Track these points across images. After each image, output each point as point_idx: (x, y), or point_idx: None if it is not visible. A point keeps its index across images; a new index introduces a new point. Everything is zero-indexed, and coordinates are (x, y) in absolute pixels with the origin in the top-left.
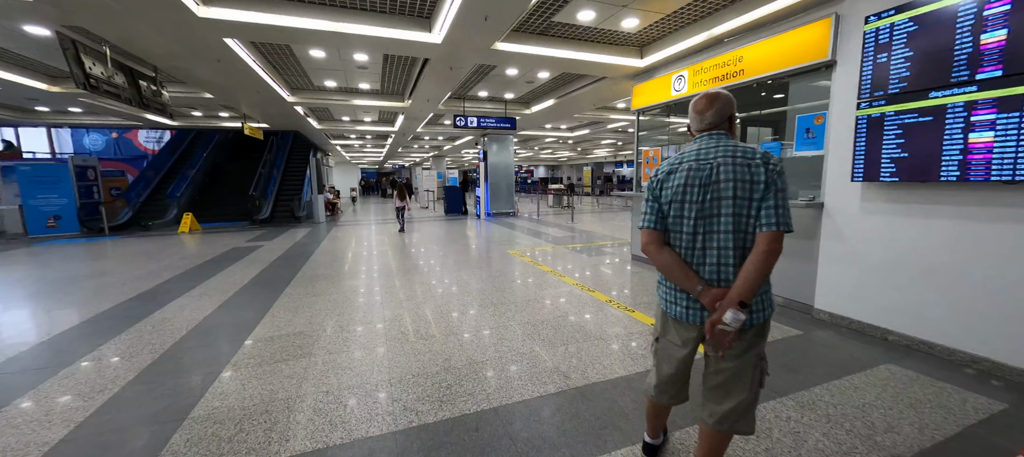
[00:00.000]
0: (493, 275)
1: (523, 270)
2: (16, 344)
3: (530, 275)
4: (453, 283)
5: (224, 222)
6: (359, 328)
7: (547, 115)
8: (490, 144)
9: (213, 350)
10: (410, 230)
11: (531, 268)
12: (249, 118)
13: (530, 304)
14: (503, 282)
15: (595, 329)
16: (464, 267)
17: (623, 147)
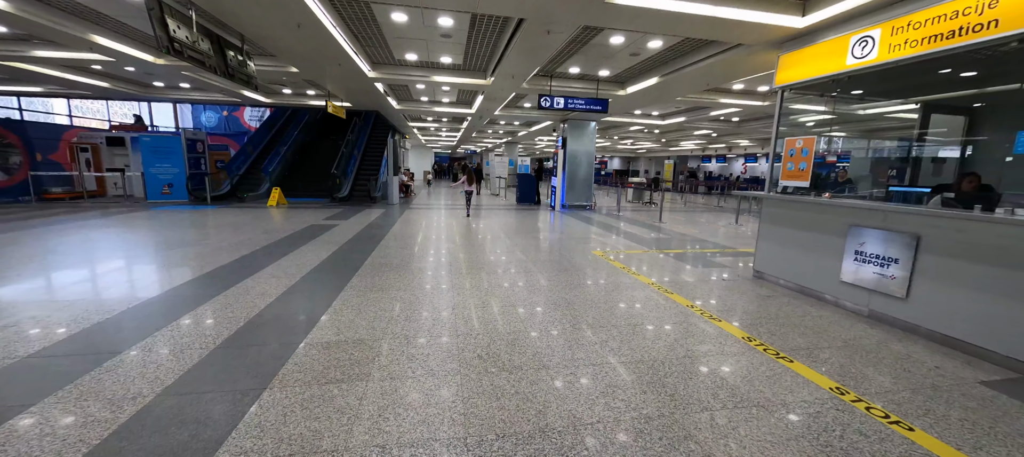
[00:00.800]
0: (581, 283)
1: (616, 280)
2: None
3: (627, 287)
4: (533, 290)
5: (308, 197)
6: (423, 340)
7: (643, 98)
8: (570, 130)
9: (262, 354)
10: (479, 216)
11: (626, 278)
12: (333, 96)
13: (636, 332)
14: (595, 295)
15: (745, 385)
16: (544, 269)
17: (717, 139)
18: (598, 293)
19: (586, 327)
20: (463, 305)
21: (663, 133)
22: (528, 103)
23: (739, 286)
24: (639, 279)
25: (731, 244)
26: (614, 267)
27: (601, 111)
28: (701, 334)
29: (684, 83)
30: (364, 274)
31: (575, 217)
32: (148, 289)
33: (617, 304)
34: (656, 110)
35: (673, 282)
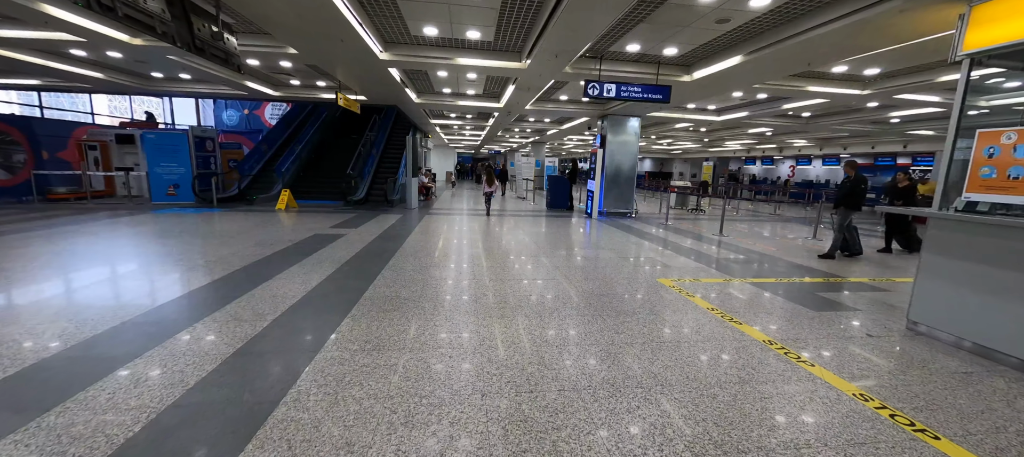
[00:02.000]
0: (659, 336)
1: (710, 331)
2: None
3: (733, 347)
4: (594, 344)
5: (321, 200)
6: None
7: (712, 85)
8: (610, 127)
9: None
10: (507, 224)
11: (723, 328)
12: (346, 88)
13: (790, 451)
14: (691, 361)
15: None
16: (603, 310)
17: (770, 138)
18: (693, 356)
19: (688, 422)
20: (497, 384)
21: (710, 131)
22: (565, 95)
23: (895, 347)
24: (744, 331)
25: (827, 268)
26: (695, 306)
27: (661, 101)
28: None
29: (774, 64)
30: (357, 319)
31: (617, 227)
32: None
33: (728, 381)
34: (713, 104)
35: (794, 338)
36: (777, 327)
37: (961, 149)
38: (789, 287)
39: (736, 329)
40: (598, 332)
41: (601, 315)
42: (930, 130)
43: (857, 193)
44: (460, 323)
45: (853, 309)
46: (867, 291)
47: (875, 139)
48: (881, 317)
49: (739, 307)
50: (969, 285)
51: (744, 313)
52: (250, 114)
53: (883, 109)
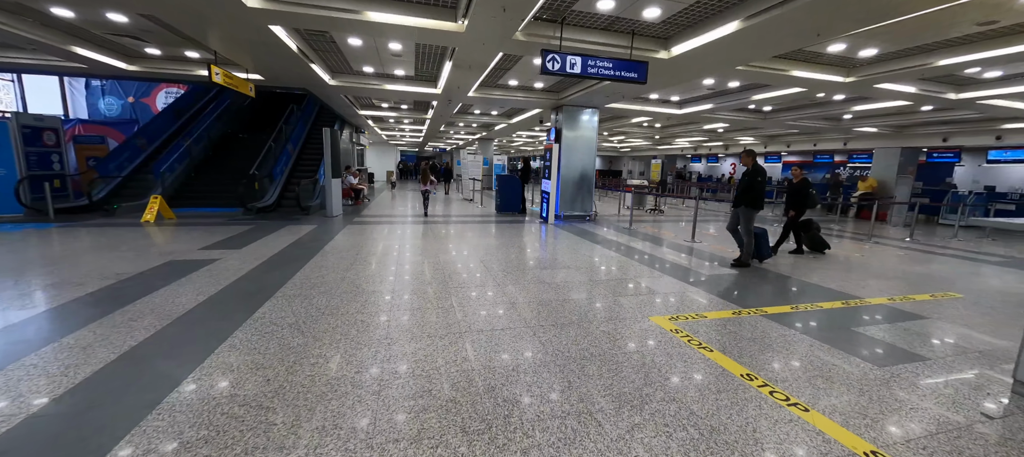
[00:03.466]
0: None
1: (764, 429)
2: None
3: None
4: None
5: (215, 208)
6: None
7: (694, 62)
8: (566, 120)
9: None
10: (451, 234)
11: (783, 423)
12: (225, 61)
13: None
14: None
15: None
16: (588, 389)
17: (719, 136)
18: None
19: None
20: None
21: (664, 127)
22: (514, 79)
23: None
24: (823, 430)
25: (840, 286)
26: (722, 371)
27: (637, 81)
28: None
29: (776, 34)
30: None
31: (579, 235)
32: None
33: None
34: (677, 94)
35: (901, 435)
36: (859, 409)
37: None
38: (818, 320)
39: (808, 424)
40: (587, 434)
41: (588, 400)
42: (873, 127)
43: (756, 188)
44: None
45: (921, 358)
46: (902, 321)
47: (818, 136)
48: (965, 370)
49: (783, 370)
50: None
51: (798, 384)
52: (136, 102)
53: (847, 103)
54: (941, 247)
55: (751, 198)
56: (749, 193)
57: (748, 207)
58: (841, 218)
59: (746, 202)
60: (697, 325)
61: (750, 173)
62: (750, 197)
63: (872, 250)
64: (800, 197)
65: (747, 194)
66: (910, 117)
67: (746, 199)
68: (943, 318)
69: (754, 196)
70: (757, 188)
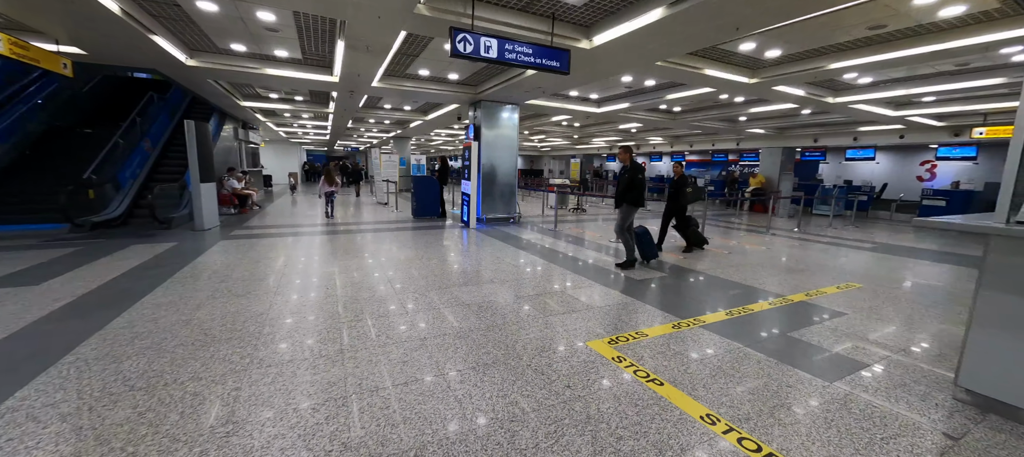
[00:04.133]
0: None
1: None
2: None
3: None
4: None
5: (29, 224)
6: None
7: (617, 53)
8: (485, 116)
9: None
10: (362, 245)
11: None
12: (18, 25)
13: None
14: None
15: None
16: (513, 437)
17: (633, 135)
18: None
19: None
20: None
21: (583, 126)
22: (425, 68)
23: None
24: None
25: (761, 283)
26: (670, 409)
27: (559, 70)
28: None
29: (697, 24)
30: None
31: (503, 240)
32: None
33: None
34: (597, 91)
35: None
36: (835, 446)
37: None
38: (754, 327)
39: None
40: None
41: None
42: (762, 128)
43: (636, 186)
44: None
45: (863, 364)
46: (827, 320)
47: (717, 137)
48: (908, 380)
49: (741, 402)
50: None
51: (762, 421)
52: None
53: (746, 105)
54: (824, 236)
55: (633, 196)
56: (630, 191)
57: (629, 206)
58: (738, 211)
59: (628, 201)
60: (640, 348)
61: (629, 170)
62: (632, 195)
63: (773, 242)
64: (632, 187)
65: (628, 192)
66: (791, 120)
67: (628, 197)
68: (858, 311)
69: (636, 194)
70: (638, 185)
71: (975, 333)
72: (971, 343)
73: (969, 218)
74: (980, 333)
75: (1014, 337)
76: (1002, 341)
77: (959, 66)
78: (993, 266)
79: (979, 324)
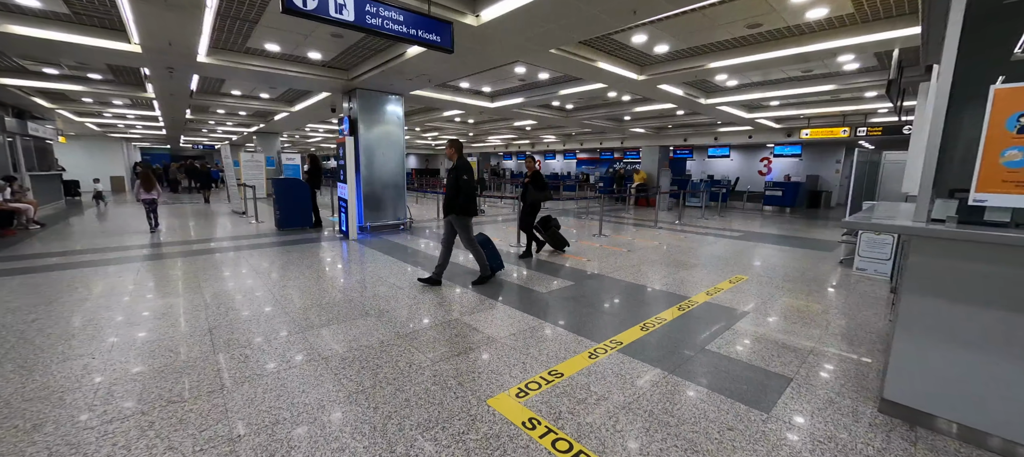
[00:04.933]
0: None
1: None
2: None
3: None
4: None
5: None
6: None
7: (506, 33)
8: (363, 109)
9: None
10: (182, 281)
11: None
12: None
13: None
14: None
15: None
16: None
17: (528, 133)
18: None
19: None
20: None
21: (478, 123)
22: (273, 42)
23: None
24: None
25: (663, 284)
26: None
27: (440, 47)
28: None
29: (597, 2)
30: None
31: (387, 253)
32: None
33: None
34: (489, 84)
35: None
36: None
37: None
38: (671, 343)
39: None
40: None
41: None
42: (643, 128)
43: (464, 189)
44: None
45: (786, 377)
46: (731, 322)
47: (604, 136)
48: (829, 392)
49: (661, 444)
50: (978, 348)
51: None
52: None
53: (632, 104)
54: (701, 226)
55: (461, 203)
56: (458, 196)
57: (460, 215)
58: (626, 206)
59: (455, 210)
60: (556, 399)
61: (454, 170)
62: (460, 202)
63: (662, 235)
64: (457, 190)
65: (456, 199)
66: (668, 120)
67: (456, 206)
68: (754, 310)
69: (464, 200)
70: (465, 189)
71: (900, 342)
72: (896, 353)
73: (883, 214)
74: (905, 342)
75: (940, 344)
76: (928, 349)
77: (804, 72)
78: (915, 269)
79: (904, 331)
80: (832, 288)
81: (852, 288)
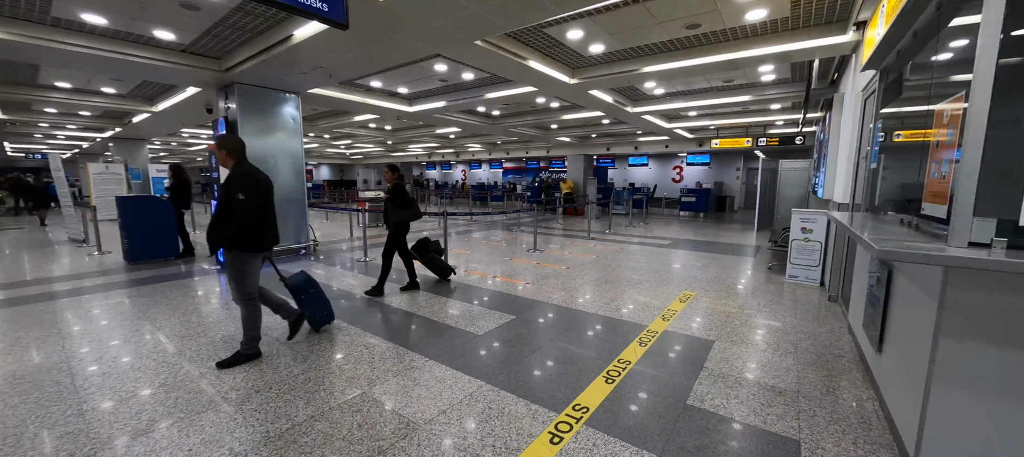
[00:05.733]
0: None
1: None
2: None
3: None
4: None
5: None
6: None
7: (419, 12)
8: (244, 109)
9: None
10: None
11: None
12: None
13: None
14: None
15: None
16: None
17: (451, 142)
18: None
19: None
20: None
21: (396, 131)
22: (99, 14)
23: None
24: None
25: (621, 310)
26: None
27: (330, 19)
28: None
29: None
30: None
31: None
32: None
33: None
34: (405, 84)
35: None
36: None
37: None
38: (651, 399)
39: None
40: None
41: None
42: (568, 137)
43: (238, 214)
44: None
45: (791, 438)
46: (704, 360)
47: (530, 145)
48: (839, 450)
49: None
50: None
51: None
52: None
53: (561, 111)
54: (631, 235)
55: (231, 235)
56: (227, 224)
57: (232, 251)
58: (555, 216)
59: (223, 243)
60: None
61: (225, 184)
62: (229, 234)
63: (597, 247)
64: (394, 207)
65: (220, 228)
66: (593, 129)
67: (220, 238)
68: (718, 337)
69: (236, 229)
70: (240, 212)
71: (937, 395)
72: (933, 409)
73: (919, 244)
74: (943, 395)
75: (987, 399)
76: (972, 404)
77: (726, 82)
78: (956, 305)
79: (942, 384)
80: (778, 302)
81: (797, 300)
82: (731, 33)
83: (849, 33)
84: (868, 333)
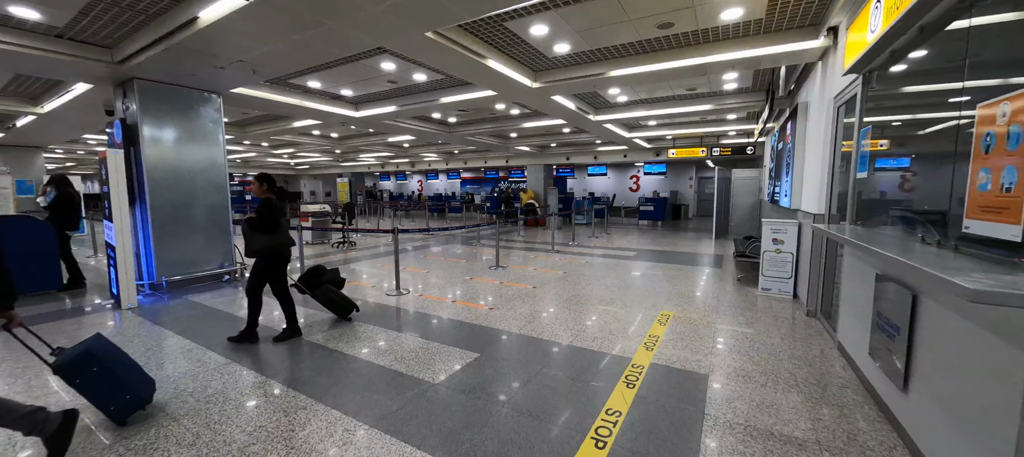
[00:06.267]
0: None
1: None
2: None
3: None
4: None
5: None
6: None
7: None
8: (147, 110)
9: None
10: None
11: None
12: None
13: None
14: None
15: None
16: None
17: (405, 151)
18: None
19: None
20: None
21: (343, 139)
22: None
23: None
24: None
25: (603, 342)
26: None
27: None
28: None
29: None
30: None
31: (185, 333)
32: None
33: None
34: (348, 87)
35: None
36: None
37: None
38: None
39: None
40: None
41: None
42: (528, 146)
43: (269, 253)
44: None
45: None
46: (713, 409)
47: (489, 154)
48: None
49: None
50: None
51: None
52: None
53: (521, 118)
54: (595, 246)
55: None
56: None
57: (262, 258)
58: (516, 227)
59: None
60: None
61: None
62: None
63: (562, 261)
64: (261, 225)
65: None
66: (553, 138)
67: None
68: (711, 371)
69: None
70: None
71: None
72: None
73: None
74: None
75: None
76: None
77: (689, 90)
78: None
79: None
80: (758, 320)
81: (776, 316)
82: (703, 35)
83: (821, 38)
84: (882, 364)
